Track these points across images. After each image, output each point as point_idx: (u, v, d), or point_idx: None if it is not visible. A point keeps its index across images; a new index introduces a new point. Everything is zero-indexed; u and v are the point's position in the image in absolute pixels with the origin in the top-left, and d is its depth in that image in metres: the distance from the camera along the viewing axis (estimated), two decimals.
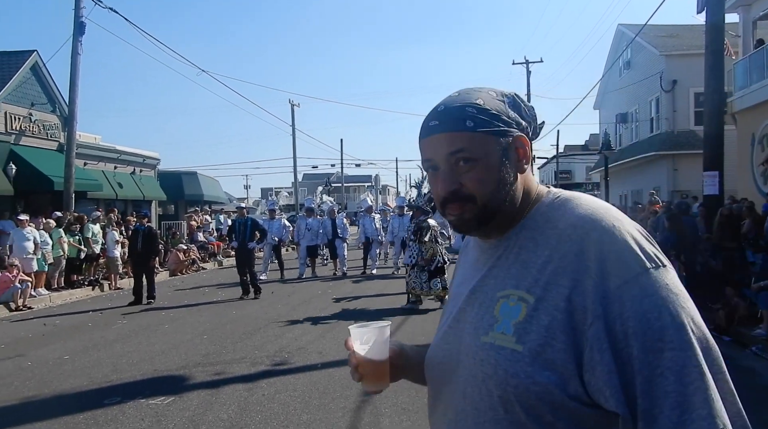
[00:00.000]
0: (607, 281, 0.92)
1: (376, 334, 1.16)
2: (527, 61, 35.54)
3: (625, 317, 0.90)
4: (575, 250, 0.96)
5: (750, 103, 14.95)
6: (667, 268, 0.96)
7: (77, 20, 15.41)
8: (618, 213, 1.02)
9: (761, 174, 14.57)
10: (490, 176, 1.05)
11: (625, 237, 0.96)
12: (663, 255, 0.99)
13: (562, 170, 42.95)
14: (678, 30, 24.25)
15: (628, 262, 0.93)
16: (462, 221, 1.08)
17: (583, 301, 0.93)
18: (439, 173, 1.07)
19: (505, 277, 1.05)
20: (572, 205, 1.05)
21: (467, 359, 1.04)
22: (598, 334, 0.91)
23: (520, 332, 0.97)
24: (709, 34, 10.72)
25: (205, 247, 20.39)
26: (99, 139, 22.24)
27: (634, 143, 26.07)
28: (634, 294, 0.91)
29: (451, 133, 1.04)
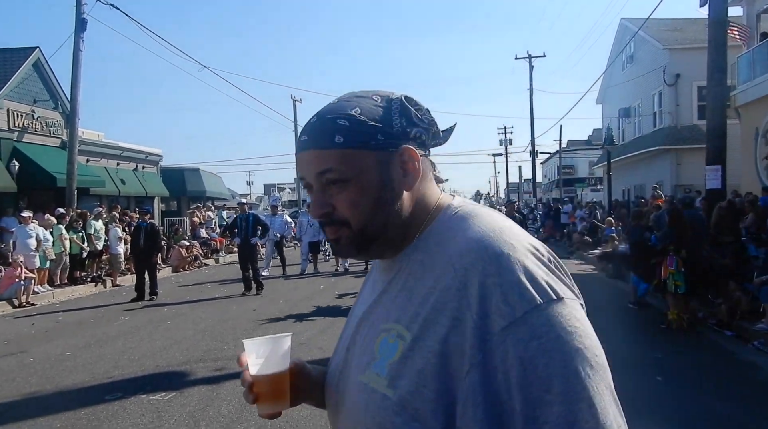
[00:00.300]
0: (490, 322, 0.79)
1: (271, 346, 1.01)
2: (530, 55, 35.46)
3: (509, 365, 0.77)
4: (458, 284, 0.83)
5: (754, 96, 14.88)
6: (564, 302, 0.82)
7: (79, 17, 15.42)
8: (512, 235, 0.88)
9: (765, 168, 14.51)
10: (365, 198, 0.92)
11: (513, 267, 0.82)
12: (562, 284, 0.85)
13: (565, 165, 42.93)
14: (681, 24, 24.13)
15: (514, 299, 0.80)
16: (339, 246, 0.97)
17: (462, 344, 0.80)
18: (312, 193, 0.96)
19: (391, 306, 0.93)
20: (467, 224, 0.92)
21: (348, 396, 0.94)
22: (474, 385, 0.78)
23: (394, 375, 0.85)
24: (712, 28, 10.67)
25: (208, 243, 20.42)
26: (102, 136, 22.29)
27: (637, 138, 25.99)
28: (519, 337, 0.77)
29: (320, 151, 0.92)
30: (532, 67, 35.53)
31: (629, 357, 6.50)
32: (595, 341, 0.83)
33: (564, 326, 0.79)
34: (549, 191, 49.72)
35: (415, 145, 0.96)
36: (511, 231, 0.89)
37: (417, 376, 0.82)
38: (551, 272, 0.86)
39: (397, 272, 0.96)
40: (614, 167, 23.00)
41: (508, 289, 0.80)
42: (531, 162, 37.63)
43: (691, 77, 21.09)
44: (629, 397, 4.80)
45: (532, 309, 0.79)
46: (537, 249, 0.88)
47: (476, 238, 0.87)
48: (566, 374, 0.76)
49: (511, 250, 0.84)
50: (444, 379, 0.81)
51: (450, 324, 0.82)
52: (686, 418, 4.62)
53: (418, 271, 0.92)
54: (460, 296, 0.82)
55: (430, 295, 0.86)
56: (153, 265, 11.71)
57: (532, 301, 0.80)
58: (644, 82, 24.36)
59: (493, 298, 0.80)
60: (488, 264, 0.83)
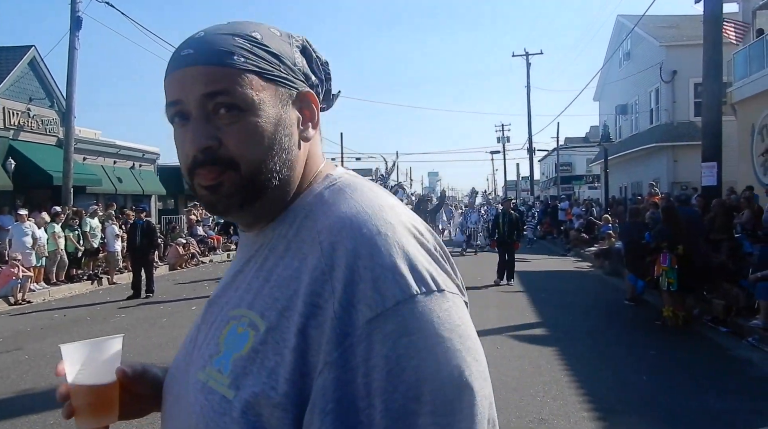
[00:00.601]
0: (355, 313, 0.66)
1: (93, 351, 0.85)
2: (527, 53, 35.47)
3: (371, 366, 0.64)
4: (324, 265, 0.69)
5: (750, 93, 14.89)
6: (445, 295, 0.70)
7: (74, 15, 15.36)
8: (395, 215, 0.75)
9: (761, 164, 14.53)
10: (263, 136, 0.76)
11: (391, 249, 0.69)
12: (446, 276, 0.73)
13: (563, 162, 42.92)
14: (678, 20, 24.14)
15: (386, 287, 0.66)
16: (218, 196, 0.77)
17: (319, 338, 0.66)
18: (190, 123, 0.77)
19: (245, 289, 0.78)
20: (343, 197, 0.78)
21: (184, 399, 0.78)
22: (325, 388, 0.64)
23: (238, 373, 0.70)
24: (707, 25, 10.68)
25: (205, 241, 20.41)
26: (99, 134, 22.23)
27: (634, 135, 26.01)
28: (387, 332, 0.64)
29: (212, 67, 0.75)
30: (530, 64, 35.59)
31: (624, 353, 6.52)
32: (477, 344, 0.71)
33: (442, 323, 0.67)
34: (547, 189, 49.74)
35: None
36: (393, 210, 0.76)
37: (266, 376, 0.68)
38: (435, 261, 0.73)
39: (258, 248, 0.81)
40: (611, 164, 23.05)
41: (380, 275, 0.67)
42: (529, 159, 37.69)
43: (687, 74, 21.11)
44: (624, 393, 4.81)
45: (406, 299, 0.66)
46: (421, 233, 0.76)
47: (351, 214, 0.73)
48: (439, 380, 0.64)
49: (390, 230, 0.71)
50: (298, 381, 0.67)
51: (309, 313, 0.68)
52: (681, 414, 4.63)
53: (281, 247, 0.77)
54: (324, 280, 0.68)
55: (292, 278, 0.72)
56: (150, 263, 11.71)
57: (407, 290, 0.67)
58: (641, 79, 24.37)
59: (360, 284, 0.67)
60: (361, 244, 0.69)
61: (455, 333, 0.68)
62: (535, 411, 4.67)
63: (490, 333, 7.36)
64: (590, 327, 7.87)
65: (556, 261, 16.68)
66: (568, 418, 4.51)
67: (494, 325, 7.84)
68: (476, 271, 13.86)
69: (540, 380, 5.44)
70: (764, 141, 14.33)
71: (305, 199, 0.81)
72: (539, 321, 8.27)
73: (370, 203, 0.76)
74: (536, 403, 4.84)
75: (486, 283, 11.81)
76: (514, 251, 12.05)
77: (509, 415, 4.56)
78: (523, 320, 8.26)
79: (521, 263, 14.83)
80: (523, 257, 16.30)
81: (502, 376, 5.60)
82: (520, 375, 5.62)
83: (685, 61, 20.79)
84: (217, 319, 0.80)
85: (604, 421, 4.45)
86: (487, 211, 20.45)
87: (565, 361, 6.05)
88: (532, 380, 5.45)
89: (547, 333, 7.47)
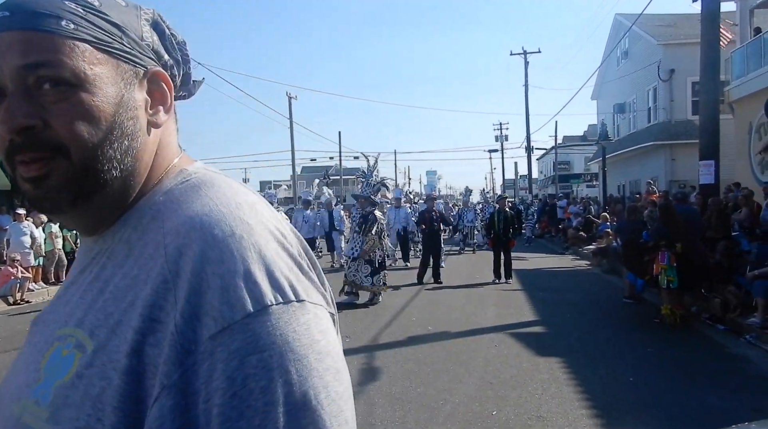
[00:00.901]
0: (199, 326, 0.56)
1: None
2: (525, 51, 35.45)
3: (213, 389, 0.54)
4: (167, 273, 0.59)
5: (747, 91, 14.92)
6: (305, 306, 0.61)
7: None
8: (254, 214, 0.65)
9: (759, 163, 14.56)
10: (99, 117, 0.64)
11: (245, 253, 0.59)
12: (309, 284, 0.64)
13: (561, 161, 42.99)
14: (675, 19, 24.17)
15: (236, 296, 0.57)
16: (45, 190, 0.64)
17: (157, 358, 0.56)
18: (6, 100, 0.63)
19: (77, 304, 0.66)
20: (197, 195, 0.67)
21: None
22: (162, 417, 0.54)
23: (59, 404, 0.59)
24: (705, 23, 10.69)
25: None
26: None
27: (631, 133, 26.04)
28: (233, 348, 0.55)
29: (32, 33, 0.62)
30: (528, 63, 35.54)
31: (622, 351, 6.54)
32: (339, 362, 0.62)
33: (299, 338, 0.58)
34: (545, 187, 49.81)
35: None
36: (253, 208, 0.66)
37: (91, 406, 0.57)
38: (298, 267, 0.64)
39: (95, 255, 0.69)
40: (609, 163, 23.07)
41: (231, 282, 0.57)
42: (527, 158, 37.67)
43: (685, 73, 21.15)
44: (622, 391, 4.82)
45: (259, 311, 0.57)
46: (284, 236, 0.66)
47: (202, 213, 0.63)
48: (292, 404, 0.55)
49: (246, 231, 0.62)
50: (130, 410, 0.56)
51: (147, 329, 0.57)
52: (680, 411, 4.64)
53: (121, 253, 0.66)
54: (167, 289, 0.58)
55: (129, 288, 0.61)
56: None
57: (260, 300, 0.58)
58: (639, 78, 24.40)
59: (207, 294, 0.57)
60: (211, 247, 0.59)
61: (313, 350, 0.58)
62: (533, 408, 4.68)
63: (488, 331, 7.37)
64: (588, 325, 7.88)
65: (555, 259, 16.70)
66: (567, 415, 4.52)
67: (492, 324, 7.86)
68: (474, 269, 13.87)
69: (538, 378, 5.45)
70: (762, 139, 14.36)
71: (153, 197, 0.69)
72: (537, 319, 8.29)
73: (226, 201, 0.65)
74: (535, 401, 4.85)
75: (484, 281, 11.82)
76: (510, 249, 12.03)
77: (508, 413, 4.58)
78: (521, 318, 8.27)
79: (520, 262, 14.85)
80: (521, 255, 16.32)
81: (501, 373, 5.62)
82: (519, 373, 5.63)
83: (682, 59, 20.84)
84: (41, 340, 0.67)
85: (603, 419, 4.47)
86: (483, 209, 20.45)
87: (563, 359, 6.07)
88: (531, 378, 5.46)
89: (545, 331, 7.48)
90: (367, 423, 4.43)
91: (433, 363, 6.00)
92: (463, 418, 4.51)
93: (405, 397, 4.94)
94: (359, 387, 5.24)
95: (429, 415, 4.59)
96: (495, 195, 16.89)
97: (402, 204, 15.97)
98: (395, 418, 4.52)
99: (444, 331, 7.42)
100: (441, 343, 6.79)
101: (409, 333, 7.30)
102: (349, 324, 7.98)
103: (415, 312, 8.80)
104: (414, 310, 9.00)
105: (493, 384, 5.32)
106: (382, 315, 8.53)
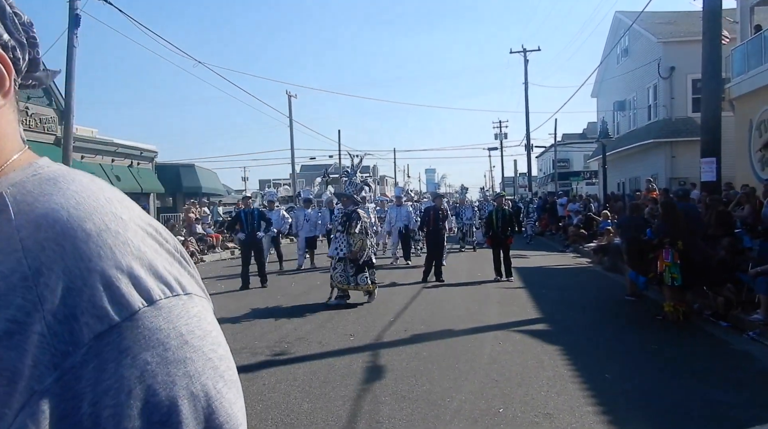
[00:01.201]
0: (77, 326, 0.52)
1: None
2: (525, 49, 35.45)
3: (102, 390, 0.50)
4: (27, 269, 0.53)
5: (748, 89, 14.95)
6: (192, 298, 0.59)
7: (72, 13, 15.31)
8: (124, 208, 0.61)
9: (759, 160, 14.58)
10: None
11: (123, 249, 0.56)
12: (190, 278, 0.62)
13: (560, 159, 43.00)
14: (676, 16, 24.20)
15: (121, 293, 0.54)
16: None
17: (18, 363, 0.51)
18: None
19: None
20: (56, 188, 0.61)
21: None
22: (36, 423, 0.49)
23: None
24: (706, 20, 10.70)
25: (204, 239, 20.39)
26: (96, 132, 22.20)
27: (631, 131, 26.07)
28: (124, 346, 0.52)
29: None
30: (527, 60, 35.55)
31: (626, 348, 6.56)
32: (229, 352, 0.61)
33: (192, 331, 0.56)
34: (544, 185, 49.83)
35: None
36: (123, 204, 0.62)
37: None
38: (178, 262, 0.62)
39: None
40: (609, 160, 23.10)
41: (113, 279, 0.54)
42: (526, 156, 37.68)
43: (685, 70, 21.18)
44: (627, 387, 4.83)
45: (148, 306, 0.54)
46: (158, 232, 0.63)
47: (68, 206, 0.57)
48: (193, 399, 0.53)
49: (121, 226, 0.58)
50: None
51: (6, 331, 0.51)
52: (684, 407, 4.66)
53: None
54: (26, 288, 0.52)
55: None
56: None
57: (147, 295, 0.55)
58: (639, 76, 24.42)
59: (85, 291, 0.53)
60: (83, 242, 0.55)
61: (206, 341, 0.57)
62: (540, 406, 4.70)
63: (492, 328, 7.39)
64: (591, 322, 7.90)
65: (556, 257, 16.72)
66: (573, 412, 4.54)
67: (496, 321, 7.88)
68: (476, 267, 13.89)
69: (544, 375, 5.47)
70: (762, 137, 14.38)
71: (1, 187, 0.61)
72: (540, 316, 8.31)
73: (93, 195, 0.60)
74: (541, 398, 4.87)
75: (485, 279, 11.84)
76: (509, 247, 12.02)
77: (515, 410, 4.59)
78: (524, 316, 8.29)
79: (521, 259, 14.88)
80: (522, 253, 16.35)
81: (506, 371, 5.63)
82: (524, 370, 5.65)
83: (682, 57, 20.87)
84: None
85: (609, 415, 4.48)
86: (482, 206, 20.46)
87: (567, 356, 6.09)
88: (536, 375, 5.48)
89: (548, 328, 7.50)
90: (375, 421, 4.45)
91: (438, 361, 6.02)
92: (470, 416, 4.52)
93: (411, 395, 4.96)
94: (365, 385, 5.26)
95: (436, 412, 4.60)
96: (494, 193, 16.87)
97: (403, 202, 15.97)
98: (402, 416, 4.53)
99: (447, 328, 7.43)
100: (445, 341, 6.81)
101: (412, 331, 7.32)
102: (352, 323, 7.99)
103: (418, 310, 8.81)
104: (417, 308, 9.02)
105: (498, 381, 5.33)
106: (385, 313, 8.55)
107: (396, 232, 15.32)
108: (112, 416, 0.50)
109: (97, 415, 0.49)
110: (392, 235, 15.82)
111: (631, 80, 25.35)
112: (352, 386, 5.25)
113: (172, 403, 0.52)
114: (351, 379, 5.45)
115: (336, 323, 7.94)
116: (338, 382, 5.37)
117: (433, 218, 12.41)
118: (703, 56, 10.68)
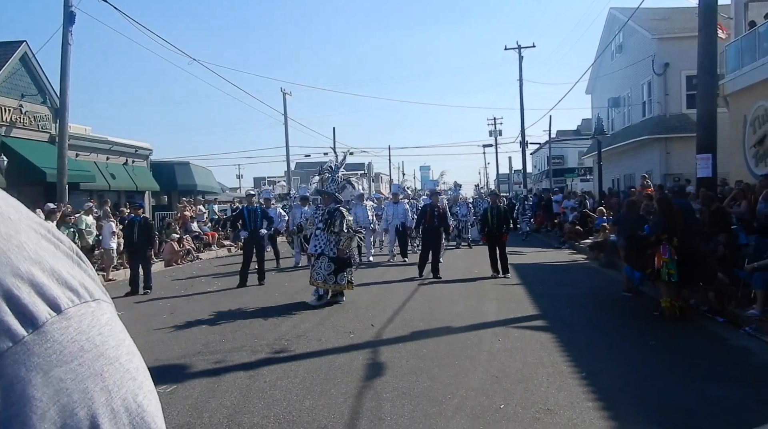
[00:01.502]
0: None
1: None
2: (519, 46, 35.44)
3: (14, 413, 0.45)
4: None
5: (742, 85, 15.02)
6: (101, 304, 0.54)
7: (67, 10, 15.23)
8: (11, 209, 0.55)
9: (753, 156, 14.67)
10: None
11: (18, 255, 0.50)
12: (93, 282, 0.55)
13: (555, 155, 43.13)
14: (670, 13, 24.26)
15: (23, 304, 0.48)
16: None
17: None
18: None
19: None
20: None
21: None
22: None
23: None
24: (703, 16, 10.74)
25: (200, 237, 20.36)
26: (90, 129, 22.09)
27: (626, 127, 26.15)
28: (34, 363, 0.46)
29: None
30: (522, 57, 35.53)
31: (624, 343, 6.60)
32: (143, 360, 0.56)
33: (105, 340, 0.52)
34: (539, 181, 49.93)
35: None
36: (7, 202, 0.56)
37: None
38: (78, 266, 0.56)
39: None
40: (603, 157, 23.16)
41: (11, 289, 0.48)
42: (521, 152, 37.73)
43: (679, 66, 21.24)
44: (626, 383, 4.85)
45: (56, 317, 0.49)
46: (52, 232, 0.57)
47: None
48: (115, 411, 0.49)
49: (13, 228, 0.52)
50: None
51: None
52: (683, 402, 4.70)
53: None
54: None
55: None
56: (147, 260, 11.70)
57: (54, 304, 0.49)
58: (633, 72, 24.49)
59: None
60: None
61: (121, 351, 0.52)
62: (540, 401, 4.72)
63: (490, 325, 7.42)
64: (589, 318, 7.94)
65: (552, 253, 16.77)
66: (574, 408, 4.57)
67: (494, 318, 7.91)
68: (472, 264, 13.92)
69: (543, 371, 5.50)
70: (756, 133, 14.47)
71: None
72: (538, 313, 8.34)
73: None
74: (541, 394, 4.90)
75: (483, 276, 11.87)
76: (504, 244, 12.05)
77: (515, 407, 4.62)
78: (522, 312, 8.33)
79: (518, 256, 14.91)
80: (518, 250, 16.39)
81: (505, 367, 5.66)
82: (523, 366, 5.68)
83: (677, 53, 20.92)
84: None
85: (609, 411, 4.51)
86: (476, 203, 20.48)
87: (566, 352, 6.12)
88: (536, 371, 5.50)
89: (546, 324, 7.53)
90: (377, 418, 4.47)
91: (438, 357, 6.04)
92: (471, 412, 4.54)
93: (412, 392, 4.98)
94: (366, 382, 5.28)
95: (437, 409, 4.62)
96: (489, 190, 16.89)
97: (400, 199, 15.98)
98: (404, 413, 4.55)
99: (446, 325, 7.46)
100: (444, 338, 6.83)
101: (412, 328, 7.33)
102: (351, 320, 8.01)
103: (416, 307, 8.83)
104: (415, 305, 9.04)
105: (498, 377, 5.35)
106: (384, 311, 8.56)
107: (393, 230, 15.32)
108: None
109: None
110: (389, 233, 15.84)
111: (626, 77, 25.42)
112: (353, 383, 5.27)
113: (92, 423, 0.47)
114: (352, 376, 5.47)
115: (335, 321, 7.95)
116: (339, 380, 5.38)
117: (429, 216, 12.42)
118: (699, 52, 10.72)
